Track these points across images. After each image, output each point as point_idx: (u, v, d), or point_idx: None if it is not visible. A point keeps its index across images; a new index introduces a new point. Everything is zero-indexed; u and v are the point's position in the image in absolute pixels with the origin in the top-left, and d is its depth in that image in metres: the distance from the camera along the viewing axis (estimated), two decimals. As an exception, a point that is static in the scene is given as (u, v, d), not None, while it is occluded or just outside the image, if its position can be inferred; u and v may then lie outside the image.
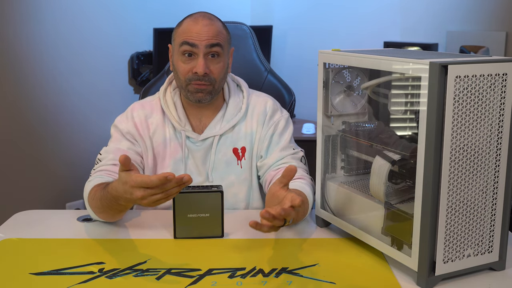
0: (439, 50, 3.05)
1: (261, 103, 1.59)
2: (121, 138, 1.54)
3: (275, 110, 1.59)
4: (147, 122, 1.55)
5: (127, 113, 1.58)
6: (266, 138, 1.56)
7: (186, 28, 1.48)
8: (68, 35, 2.95)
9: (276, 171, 1.52)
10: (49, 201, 2.96)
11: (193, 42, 1.45)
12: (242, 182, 1.57)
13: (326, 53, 1.33)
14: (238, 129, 1.56)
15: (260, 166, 1.56)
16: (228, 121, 1.55)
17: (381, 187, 1.22)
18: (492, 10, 2.82)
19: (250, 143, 1.57)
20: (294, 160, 1.54)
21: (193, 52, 1.47)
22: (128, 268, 1.19)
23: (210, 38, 1.46)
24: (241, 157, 1.56)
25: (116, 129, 1.55)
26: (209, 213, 1.32)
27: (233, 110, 1.56)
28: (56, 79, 2.93)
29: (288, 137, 1.57)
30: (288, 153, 1.54)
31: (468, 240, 1.12)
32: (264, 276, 1.15)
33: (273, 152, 1.55)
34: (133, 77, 3.28)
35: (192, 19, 1.49)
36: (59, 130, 2.98)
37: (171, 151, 1.55)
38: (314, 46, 3.35)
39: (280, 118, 1.58)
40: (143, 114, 1.56)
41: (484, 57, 1.13)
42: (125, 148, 1.52)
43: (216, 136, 1.54)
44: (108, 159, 1.49)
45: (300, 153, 1.57)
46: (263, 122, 1.57)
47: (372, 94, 1.36)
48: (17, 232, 1.39)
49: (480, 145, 1.08)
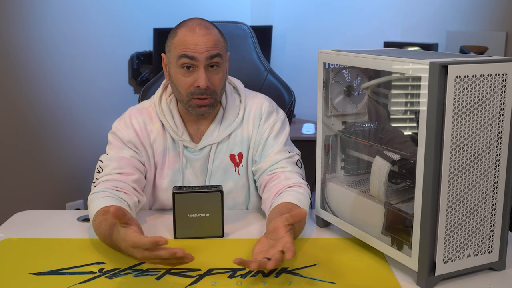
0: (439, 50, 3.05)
1: (257, 105, 1.54)
2: (122, 146, 1.47)
3: (270, 112, 1.54)
4: (147, 129, 1.50)
5: (126, 120, 1.50)
6: (261, 142, 1.51)
7: (182, 39, 1.40)
8: (68, 35, 2.95)
9: (270, 175, 1.47)
10: (49, 201, 2.96)
11: (192, 55, 1.39)
12: (240, 189, 1.54)
13: (326, 53, 1.33)
14: (234, 135, 1.52)
15: (255, 170, 1.52)
16: (225, 128, 1.51)
17: (381, 187, 1.22)
18: (492, 10, 2.82)
19: (247, 149, 1.53)
20: (289, 164, 1.48)
21: (193, 64, 1.40)
22: (128, 268, 1.19)
23: (210, 50, 1.40)
24: (238, 163, 1.53)
25: (116, 136, 1.49)
26: (209, 213, 1.32)
27: (230, 117, 1.52)
28: (56, 79, 2.93)
29: (283, 140, 1.52)
30: (283, 157, 1.49)
31: (468, 240, 1.12)
32: (264, 276, 1.15)
33: (268, 156, 1.50)
34: (133, 77, 3.28)
35: (188, 29, 1.41)
36: (59, 130, 2.98)
37: (170, 161, 1.51)
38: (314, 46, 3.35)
39: (276, 120, 1.53)
40: (142, 121, 1.50)
41: (484, 57, 1.13)
42: (128, 156, 1.46)
43: (214, 144, 1.50)
44: (112, 168, 1.43)
45: (296, 156, 1.52)
46: (258, 125, 1.52)
47: (372, 94, 1.36)
48: (17, 232, 1.39)
49: (480, 145, 1.08)
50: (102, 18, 3.09)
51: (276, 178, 1.46)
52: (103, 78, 3.15)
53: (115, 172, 1.42)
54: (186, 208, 1.31)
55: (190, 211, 1.31)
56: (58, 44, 2.91)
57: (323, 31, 3.50)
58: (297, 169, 1.50)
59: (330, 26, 3.46)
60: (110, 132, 1.51)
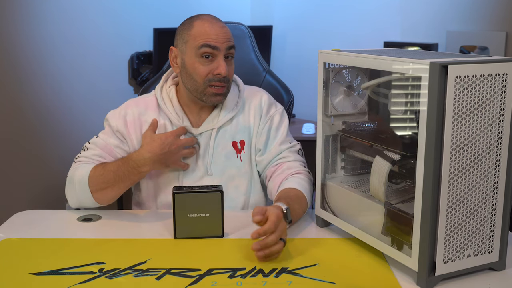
0: (439, 50, 3.05)
1: (257, 96, 1.62)
2: (111, 134, 1.57)
3: (270, 104, 1.62)
4: (140, 120, 1.57)
5: (121, 110, 1.59)
6: (264, 133, 1.58)
7: (203, 30, 1.48)
8: (68, 35, 2.95)
9: (275, 166, 1.55)
10: (49, 201, 2.96)
11: (214, 45, 1.46)
12: (243, 175, 1.58)
13: (326, 53, 1.33)
14: (236, 122, 1.58)
15: (259, 161, 1.58)
16: (225, 113, 1.56)
17: (381, 187, 1.22)
18: (492, 10, 2.82)
19: (249, 136, 1.58)
20: (292, 153, 1.57)
21: (213, 54, 1.47)
22: (128, 268, 1.19)
23: (228, 40, 1.49)
24: (240, 150, 1.58)
25: (108, 123, 1.58)
26: (209, 213, 1.32)
27: (230, 104, 1.57)
28: (56, 79, 2.93)
29: (284, 131, 1.60)
30: (286, 147, 1.57)
31: (468, 240, 1.12)
32: (264, 276, 1.15)
33: (272, 147, 1.57)
34: (133, 77, 3.28)
35: (206, 21, 1.49)
36: (59, 130, 2.98)
37: None
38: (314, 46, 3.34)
39: (275, 113, 1.61)
40: (137, 111, 1.58)
41: (484, 57, 1.13)
42: (113, 146, 1.55)
43: (214, 129, 1.55)
44: (94, 153, 1.53)
45: (297, 145, 1.60)
46: (260, 116, 1.59)
47: (372, 94, 1.36)
48: (17, 232, 1.39)
49: (480, 145, 1.08)
50: (102, 18, 3.09)
51: (279, 168, 1.54)
52: (103, 78, 3.15)
53: (96, 158, 1.52)
54: (186, 208, 1.31)
55: (190, 211, 1.32)
56: (58, 44, 2.91)
57: (323, 31, 3.50)
58: (299, 157, 1.58)
59: (330, 26, 3.46)
60: (105, 118, 1.61)
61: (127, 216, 1.49)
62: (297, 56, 3.64)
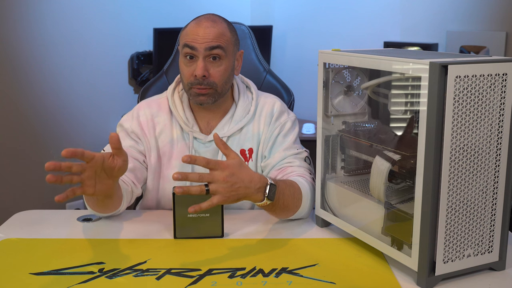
0: (439, 50, 3.05)
1: (269, 104, 1.59)
2: (125, 136, 1.54)
3: (282, 111, 1.59)
4: (153, 121, 1.55)
5: (133, 112, 1.58)
6: (271, 139, 1.55)
7: (189, 30, 1.48)
8: (68, 35, 2.95)
9: (278, 170, 1.51)
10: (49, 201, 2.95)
11: (192, 45, 1.45)
12: None
13: (326, 53, 1.33)
14: (246, 131, 1.56)
15: (264, 166, 1.56)
16: (236, 122, 1.55)
17: (381, 187, 1.22)
18: (492, 10, 2.82)
19: (257, 144, 1.56)
20: (297, 159, 1.52)
21: (194, 54, 1.46)
22: (128, 268, 1.19)
23: (210, 41, 1.44)
24: (248, 158, 1.56)
25: (121, 128, 1.56)
26: (209, 213, 1.32)
27: (241, 112, 1.56)
28: (56, 79, 2.93)
29: (292, 138, 1.56)
30: (291, 153, 1.53)
31: (468, 240, 1.12)
32: (264, 276, 1.16)
33: (277, 152, 1.54)
34: (133, 77, 3.28)
35: (196, 22, 1.49)
36: (59, 130, 2.98)
37: (178, 151, 1.54)
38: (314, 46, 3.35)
39: (287, 120, 1.58)
40: (149, 113, 1.56)
41: (484, 57, 1.13)
42: (128, 146, 1.51)
43: (224, 137, 1.53)
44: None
45: (304, 153, 1.56)
46: (269, 123, 1.57)
47: (372, 94, 1.36)
48: (17, 232, 1.39)
49: (480, 145, 1.08)
50: (102, 18, 3.09)
51: (282, 172, 1.51)
52: (103, 78, 3.15)
53: None
54: (186, 208, 1.31)
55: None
56: (58, 44, 2.91)
57: (323, 31, 3.50)
58: (305, 164, 1.54)
59: (330, 26, 3.46)
60: (118, 124, 1.58)
61: (127, 216, 1.49)
62: (297, 56, 3.65)
